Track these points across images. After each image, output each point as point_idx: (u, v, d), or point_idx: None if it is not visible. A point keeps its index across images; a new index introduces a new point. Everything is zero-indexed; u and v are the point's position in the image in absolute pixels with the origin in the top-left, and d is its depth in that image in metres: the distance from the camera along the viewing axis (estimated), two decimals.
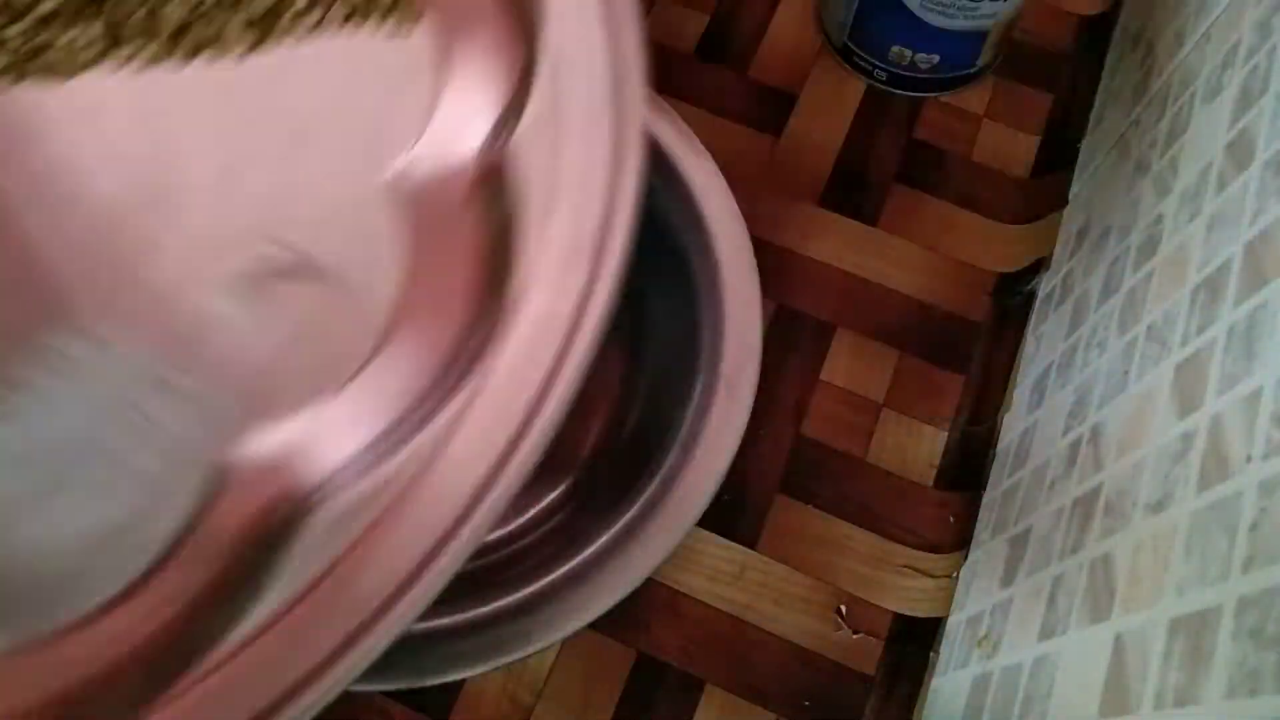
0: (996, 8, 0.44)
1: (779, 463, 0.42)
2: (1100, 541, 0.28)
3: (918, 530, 0.41)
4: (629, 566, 0.33)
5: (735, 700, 0.38)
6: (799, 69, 0.50)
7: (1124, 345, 0.32)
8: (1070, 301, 0.40)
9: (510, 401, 0.20)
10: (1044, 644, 0.30)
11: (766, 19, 0.51)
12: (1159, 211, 0.34)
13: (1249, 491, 0.22)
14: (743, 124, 0.48)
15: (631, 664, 0.38)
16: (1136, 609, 0.25)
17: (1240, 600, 0.21)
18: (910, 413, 0.43)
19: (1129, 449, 0.29)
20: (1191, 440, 0.25)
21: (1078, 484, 0.32)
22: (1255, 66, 0.30)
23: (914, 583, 0.40)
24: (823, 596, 0.40)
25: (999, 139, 0.49)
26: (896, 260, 0.46)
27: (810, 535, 0.41)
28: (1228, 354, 0.25)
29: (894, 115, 0.49)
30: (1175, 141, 0.35)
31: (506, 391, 0.20)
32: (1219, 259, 0.27)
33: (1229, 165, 0.29)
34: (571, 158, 0.22)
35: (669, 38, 0.50)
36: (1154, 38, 0.43)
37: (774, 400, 0.43)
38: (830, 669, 0.39)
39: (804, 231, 0.46)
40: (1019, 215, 0.47)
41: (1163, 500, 0.26)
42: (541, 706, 0.38)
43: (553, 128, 0.22)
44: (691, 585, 0.40)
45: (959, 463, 0.42)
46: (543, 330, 0.20)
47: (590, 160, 0.22)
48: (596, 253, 0.22)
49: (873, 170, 0.48)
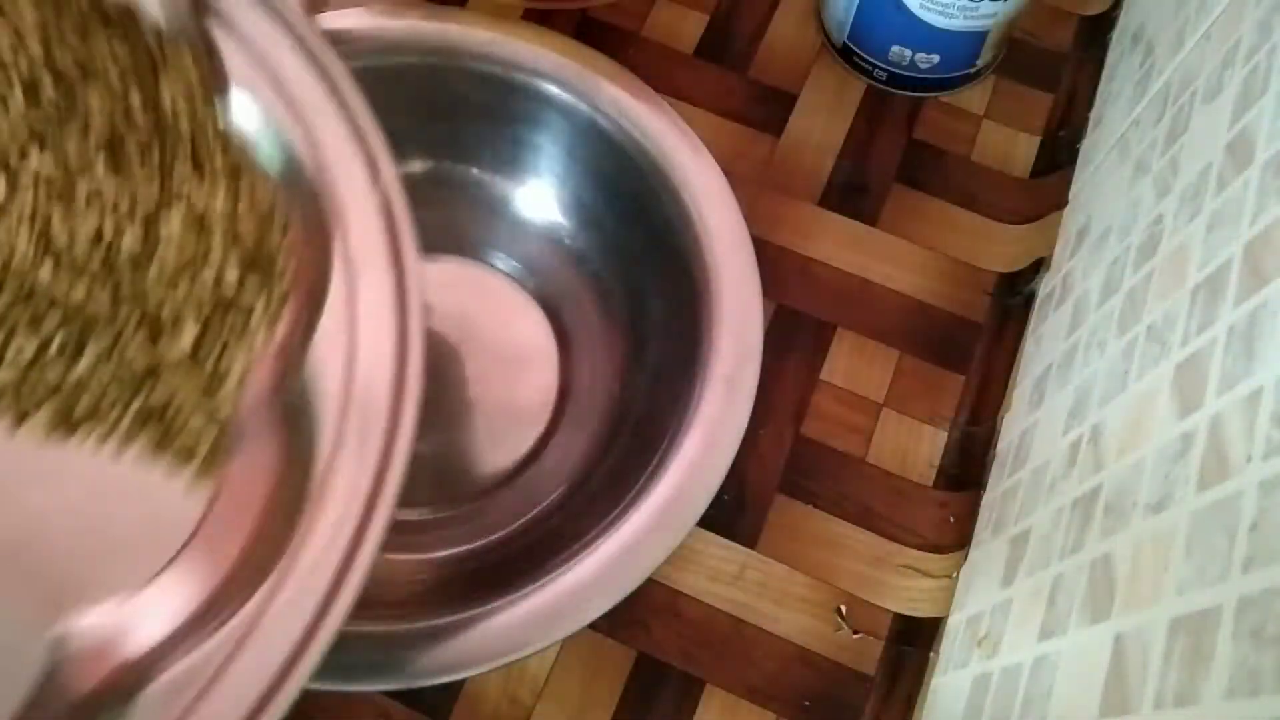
0: (996, 8, 0.44)
1: (779, 463, 0.42)
2: (1100, 541, 0.28)
3: (918, 530, 0.41)
4: (629, 566, 0.33)
5: (735, 700, 0.38)
6: (799, 69, 0.50)
7: (1124, 345, 0.32)
8: (1070, 301, 0.40)
9: (310, 589, 0.24)
10: (1044, 644, 0.30)
11: (766, 19, 0.51)
12: (1159, 211, 0.34)
13: (1249, 491, 0.22)
14: (742, 124, 0.48)
15: (631, 664, 0.38)
16: (1137, 609, 0.25)
17: (1240, 600, 0.21)
18: (910, 413, 0.43)
19: (1129, 449, 0.29)
20: (1191, 440, 0.25)
21: (1078, 484, 0.32)
22: (1255, 66, 0.30)
23: (914, 583, 0.40)
24: (823, 596, 0.40)
25: (999, 139, 0.49)
26: (896, 260, 0.46)
27: (810, 535, 0.41)
28: (1228, 354, 0.25)
29: (894, 115, 0.49)
30: (1175, 141, 0.35)
31: (307, 581, 0.24)
32: (1219, 259, 0.27)
33: (1229, 165, 0.29)
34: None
35: (668, 37, 0.50)
36: (1154, 37, 0.43)
37: (774, 400, 0.43)
38: (830, 669, 0.39)
39: (804, 231, 0.46)
40: (1019, 215, 0.47)
41: (1163, 500, 0.26)
42: (541, 706, 0.38)
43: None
44: (691, 585, 0.40)
45: (959, 463, 0.42)
46: (339, 528, 0.24)
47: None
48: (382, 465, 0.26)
49: (873, 170, 0.48)
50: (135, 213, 0.27)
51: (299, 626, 0.23)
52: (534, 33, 0.41)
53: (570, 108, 0.41)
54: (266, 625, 0.24)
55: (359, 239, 0.28)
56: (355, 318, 0.27)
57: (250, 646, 0.23)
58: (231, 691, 0.23)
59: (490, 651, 0.32)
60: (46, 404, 0.26)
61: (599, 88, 0.40)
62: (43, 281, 0.26)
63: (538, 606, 0.32)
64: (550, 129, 0.42)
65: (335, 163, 0.29)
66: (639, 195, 0.41)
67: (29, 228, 0.26)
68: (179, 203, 0.27)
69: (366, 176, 0.29)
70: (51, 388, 0.26)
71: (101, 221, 0.27)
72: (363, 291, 0.27)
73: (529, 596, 0.32)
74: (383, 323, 0.27)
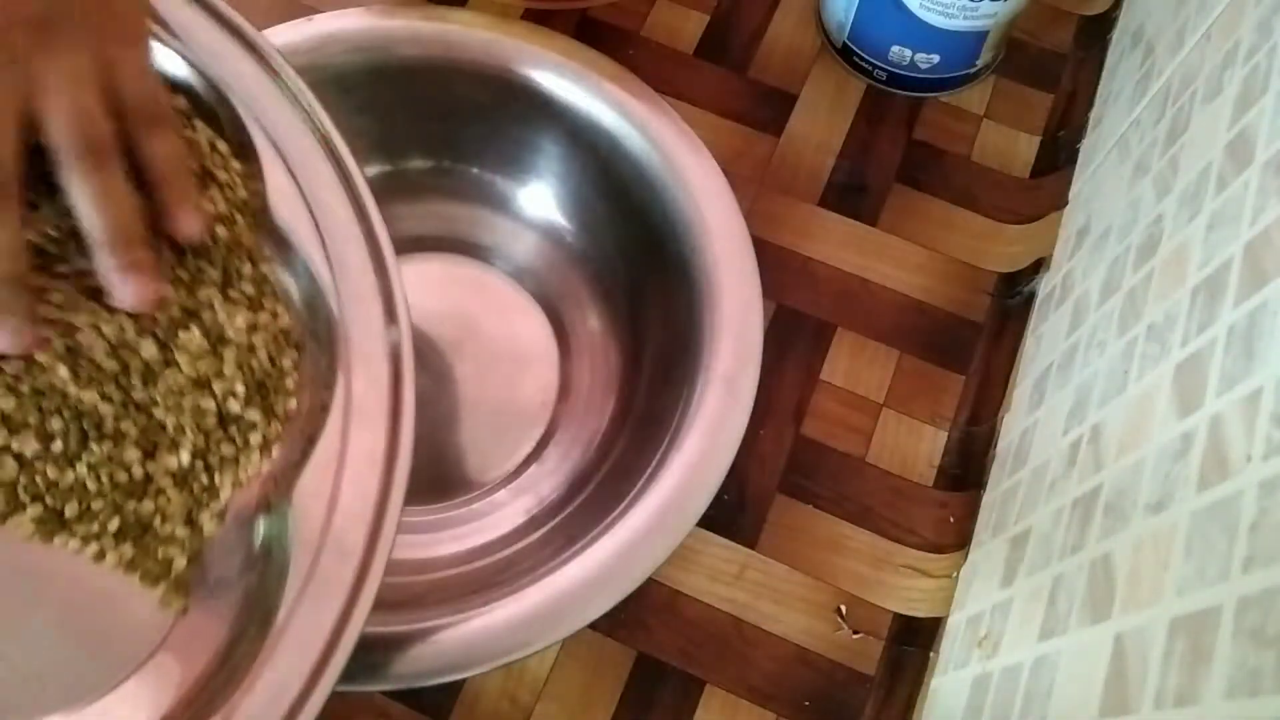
0: (996, 8, 0.44)
1: (779, 463, 0.42)
2: (1100, 541, 0.28)
3: (918, 530, 0.41)
4: (629, 566, 0.33)
5: (735, 700, 0.38)
6: (799, 69, 0.50)
7: (1124, 345, 0.32)
8: (1070, 301, 0.40)
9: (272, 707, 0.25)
10: (1044, 644, 0.30)
11: (766, 19, 0.51)
12: (1159, 211, 0.34)
13: (1249, 491, 0.22)
14: (743, 124, 0.48)
15: (631, 664, 0.38)
16: (1137, 609, 0.25)
17: (1240, 600, 0.21)
18: (910, 413, 0.43)
19: (1129, 449, 0.29)
20: (1191, 440, 0.25)
21: (1078, 484, 0.32)
22: (1256, 66, 0.30)
23: (914, 583, 0.40)
24: (823, 596, 0.40)
25: (999, 139, 0.49)
26: (896, 260, 0.46)
27: (810, 535, 0.41)
28: (1228, 354, 0.25)
29: (894, 115, 0.49)
30: (1175, 141, 0.35)
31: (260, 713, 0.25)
32: (1219, 259, 0.27)
33: (1229, 165, 0.29)
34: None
35: (669, 38, 0.50)
36: (1154, 38, 0.43)
37: (774, 400, 0.43)
38: (830, 669, 0.39)
39: (804, 231, 0.46)
40: (1019, 215, 0.47)
41: (1163, 500, 0.26)
42: (541, 706, 0.38)
43: None
44: (691, 585, 0.40)
45: (959, 463, 0.42)
46: (296, 668, 0.25)
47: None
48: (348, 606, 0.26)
49: (873, 170, 0.48)
50: (158, 322, 0.27)
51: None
52: (534, 33, 0.41)
53: (570, 108, 0.41)
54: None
55: (364, 384, 0.28)
56: (344, 463, 0.27)
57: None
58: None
59: (490, 651, 0.32)
60: (36, 502, 0.26)
61: (599, 88, 0.40)
62: (59, 381, 0.26)
63: (538, 606, 0.32)
64: (550, 129, 0.42)
65: (354, 298, 0.29)
66: (639, 195, 0.41)
67: (56, 326, 0.26)
68: (201, 318, 0.27)
69: (382, 317, 0.29)
70: (46, 486, 0.26)
71: (123, 327, 0.27)
72: (356, 438, 0.27)
73: (529, 596, 0.32)
74: (370, 475, 0.27)
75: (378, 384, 0.28)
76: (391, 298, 0.29)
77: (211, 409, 0.27)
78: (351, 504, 0.27)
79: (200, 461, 0.27)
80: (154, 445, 0.26)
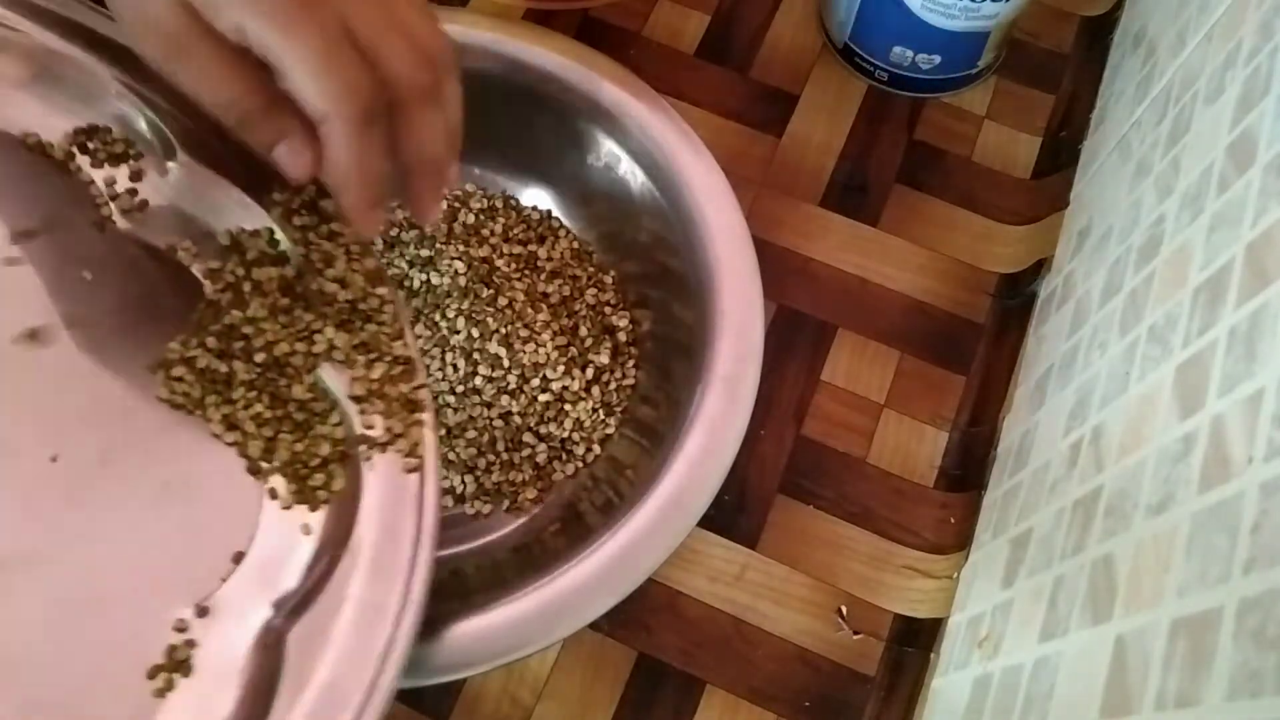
0: (998, 8, 0.44)
1: (779, 463, 0.42)
2: (1101, 543, 0.28)
3: (918, 531, 0.41)
4: (629, 566, 0.33)
5: (735, 701, 0.38)
6: (800, 69, 0.50)
7: (1125, 346, 0.32)
8: (1071, 302, 0.40)
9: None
10: (1045, 645, 0.30)
11: (768, 19, 0.51)
12: (1160, 212, 0.34)
13: (1250, 493, 0.22)
14: (744, 124, 0.48)
15: (631, 664, 0.38)
16: (1138, 610, 0.25)
17: (1242, 602, 0.21)
18: (911, 413, 0.43)
19: (1130, 450, 0.29)
20: (1193, 441, 0.25)
21: (1079, 485, 0.32)
22: (1257, 67, 0.30)
23: (915, 583, 0.40)
24: (823, 597, 0.40)
25: (1000, 140, 0.49)
26: (897, 261, 0.46)
27: (811, 535, 0.41)
28: (1229, 355, 0.25)
29: (895, 116, 0.49)
30: (1177, 142, 0.35)
31: None
32: (1220, 260, 0.27)
33: (1231, 166, 0.29)
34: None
35: (670, 38, 0.50)
36: (1156, 38, 0.43)
37: (774, 400, 0.43)
38: (831, 670, 0.39)
39: (805, 232, 0.46)
40: (1020, 216, 0.47)
41: (1164, 501, 0.26)
42: (541, 706, 0.38)
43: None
44: (692, 585, 0.40)
45: (960, 463, 0.42)
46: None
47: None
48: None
49: (874, 171, 0.48)
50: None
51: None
52: (535, 33, 0.41)
53: (571, 108, 0.41)
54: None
55: (383, 541, 0.29)
56: (355, 611, 0.28)
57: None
58: None
59: (490, 651, 0.32)
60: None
61: (600, 88, 0.40)
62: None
63: (538, 606, 0.32)
64: (551, 129, 0.42)
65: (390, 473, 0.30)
66: (640, 196, 0.41)
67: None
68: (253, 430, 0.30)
69: (417, 497, 0.30)
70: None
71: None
72: (368, 590, 0.28)
73: (529, 596, 0.32)
74: (377, 631, 0.28)
75: (401, 548, 0.30)
76: (425, 490, 0.31)
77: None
78: (351, 655, 0.28)
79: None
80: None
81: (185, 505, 0.29)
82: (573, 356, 0.41)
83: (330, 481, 0.30)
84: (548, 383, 0.40)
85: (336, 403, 0.31)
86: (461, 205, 0.44)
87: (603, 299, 0.42)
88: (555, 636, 0.32)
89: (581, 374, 0.40)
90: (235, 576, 0.28)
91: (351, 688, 0.27)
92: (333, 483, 0.30)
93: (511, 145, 0.43)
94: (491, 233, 0.43)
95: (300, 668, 0.27)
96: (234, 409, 0.30)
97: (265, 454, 0.30)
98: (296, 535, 0.29)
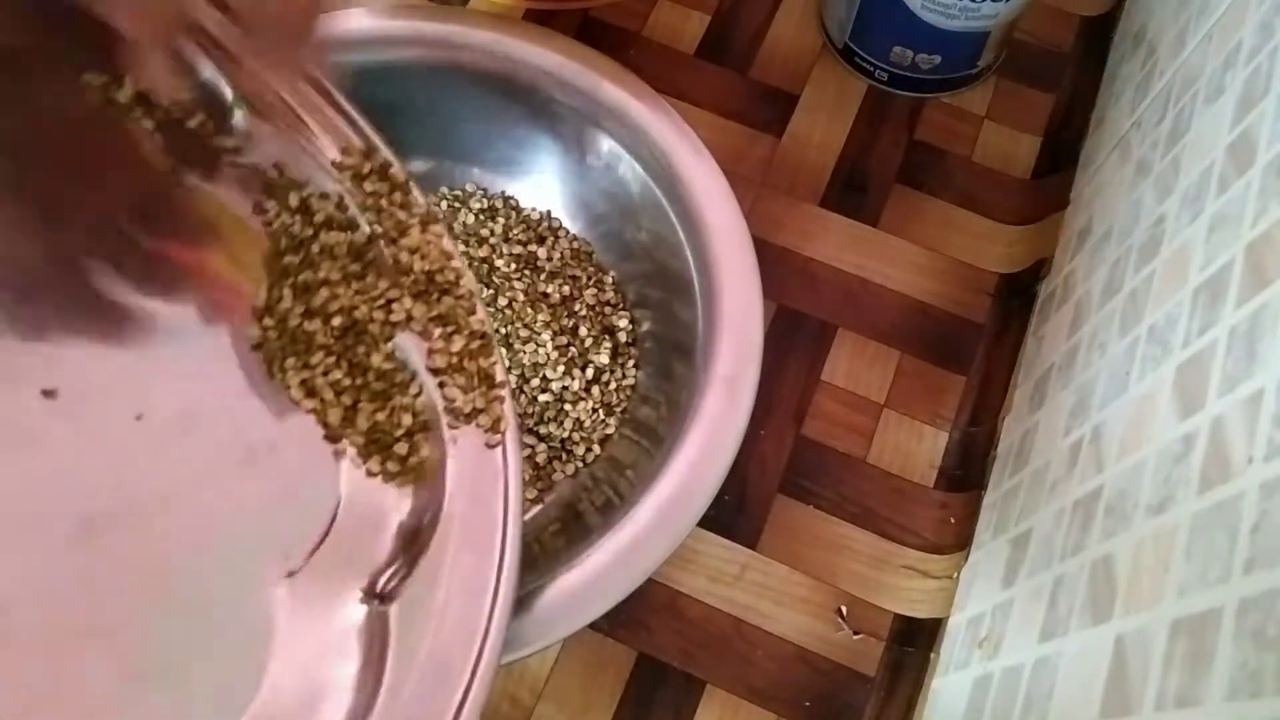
0: (998, 8, 0.44)
1: (779, 463, 0.42)
2: (1101, 543, 0.28)
3: (918, 531, 0.41)
4: (629, 566, 0.33)
5: (735, 701, 0.38)
6: (800, 69, 0.50)
7: (1125, 346, 0.32)
8: (1071, 302, 0.40)
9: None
10: (1045, 645, 0.30)
11: (768, 19, 0.51)
12: (1160, 212, 0.34)
13: (1250, 493, 0.22)
14: (744, 124, 0.48)
15: (631, 664, 0.38)
16: (1137, 610, 0.25)
17: (1242, 602, 0.21)
18: (911, 413, 0.43)
19: (1130, 450, 0.29)
20: (1193, 442, 0.25)
21: (1079, 485, 0.32)
22: (1257, 67, 0.30)
23: (915, 583, 0.40)
24: (823, 597, 0.40)
25: (1000, 140, 0.49)
26: (897, 261, 0.46)
27: (811, 536, 0.41)
28: (1229, 355, 0.25)
29: (895, 116, 0.49)
30: (1177, 142, 0.35)
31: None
32: (1220, 260, 0.27)
33: (1231, 166, 0.29)
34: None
35: (670, 38, 0.50)
36: (1156, 38, 0.43)
37: (774, 400, 0.43)
38: (831, 670, 0.39)
39: (805, 232, 0.46)
40: (1020, 216, 0.47)
41: (1164, 502, 0.26)
42: (541, 706, 0.38)
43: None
44: (691, 585, 0.40)
45: (960, 463, 0.42)
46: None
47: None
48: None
49: (874, 171, 0.48)
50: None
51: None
52: (536, 33, 0.41)
53: (571, 108, 0.41)
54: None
55: (473, 515, 0.29)
56: (454, 585, 0.28)
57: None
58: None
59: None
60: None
61: (600, 88, 0.40)
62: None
63: (538, 606, 0.32)
64: (551, 129, 0.42)
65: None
66: (640, 196, 0.41)
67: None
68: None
69: (502, 471, 0.30)
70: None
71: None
72: (464, 564, 0.28)
73: (529, 596, 0.32)
74: (479, 604, 0.27)
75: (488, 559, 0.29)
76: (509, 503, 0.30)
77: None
78: (455, 625, 0.28)
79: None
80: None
81: (270, 472, 0.29)
82: (572, 357, 0.41)
83: (415, 452, 0.30)
84: (547, 383, 0.40)
85: (415, 374, 0.30)
86: (461, 205, 0.44)
87: (602, 299, 0.42)
88: (555, 636, 0.32)
89: (581, 374, 0.40)
90: (325, 546, 0.28)
91: (458, 663, 0.26)
92: (418, 453, 0.30)
93: (511, 145, 0.43)
94: (491, 233, 0.43)
95: (404, 641, 0.26)
96: (313, 374, 0.30)
97: (344, 422, 0.29)
98: (384, 507, 0.29)
